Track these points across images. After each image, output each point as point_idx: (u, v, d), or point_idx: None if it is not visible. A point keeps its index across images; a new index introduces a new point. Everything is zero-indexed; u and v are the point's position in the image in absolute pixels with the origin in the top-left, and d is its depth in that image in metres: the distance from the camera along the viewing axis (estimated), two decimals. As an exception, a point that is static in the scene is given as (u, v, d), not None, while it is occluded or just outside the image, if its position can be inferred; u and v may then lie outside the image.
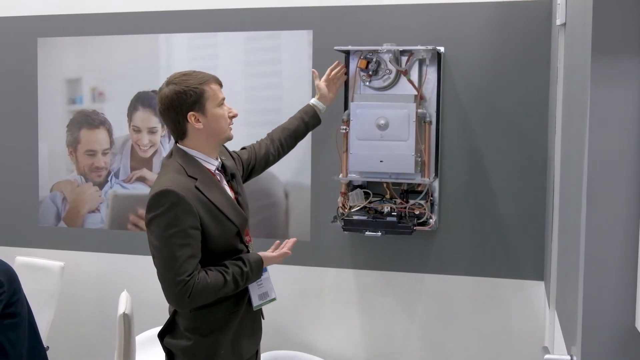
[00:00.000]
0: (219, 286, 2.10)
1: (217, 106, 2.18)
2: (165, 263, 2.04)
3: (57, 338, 3.36)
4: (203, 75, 2.18)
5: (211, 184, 2.17)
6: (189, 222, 2.05)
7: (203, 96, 2.14)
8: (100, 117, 3.35)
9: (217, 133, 2.20)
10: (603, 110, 1.31)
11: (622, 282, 1.32)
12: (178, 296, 2.04)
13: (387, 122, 2.75)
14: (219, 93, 2.20)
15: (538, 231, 2.85)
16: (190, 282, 2.03)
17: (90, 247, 3.40)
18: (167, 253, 2.03)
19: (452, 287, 2.98)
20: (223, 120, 2.20)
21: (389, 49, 2.78)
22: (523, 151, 2.85)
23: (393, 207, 2.86)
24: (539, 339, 2.85)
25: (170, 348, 2.23)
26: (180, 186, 2.06)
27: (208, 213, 2.11)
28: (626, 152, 1.30)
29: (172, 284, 2.03)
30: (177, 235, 2.03)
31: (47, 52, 3.40)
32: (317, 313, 3.15)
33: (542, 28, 2.78)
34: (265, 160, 2.63)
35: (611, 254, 1.32)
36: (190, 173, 2.13)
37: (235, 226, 2.19)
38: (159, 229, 2.04)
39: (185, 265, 2.03)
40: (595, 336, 1.35)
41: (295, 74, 3.08)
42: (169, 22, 3.22)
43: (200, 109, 2.14)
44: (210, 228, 2.12)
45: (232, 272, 2.14)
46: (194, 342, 2.17)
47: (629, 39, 1.28)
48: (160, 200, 2.04)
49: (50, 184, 3.45)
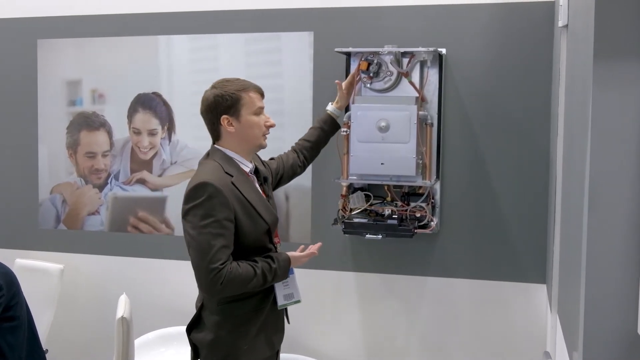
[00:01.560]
0: (249, 278, 2.18)
1: (252, 114, 2.27)
2: (200, 251, 2.13)
3: (56, 341, 3.35)
4: (244, 83, 2.29)
5: (246, 183, 2.27)
6: (224, 214, 2.15)
7: (239, 102, 2.25)
8: (100, 119, 3.34)
9: (249, 139, 2.30)
10: (605, 113, 1.30)
11: (624, 287, 1.31)
12: (211, 283, 2.12)
13: (388, 124, 2.74)
14: (256, 102, 2.29)
15: (540, 234, 2.83)
16: (223, 271, 2.12)
17: (90, 250, 3.39)
18: (202, 242, 2.12)
19: (453, 290, 2.96)
20: (257, 127, 2.29)
21: (390, 51, 2.77)
22: (525, 154, 2.83)
23: (394, 210, 2.84)
24: (541, 342, 2.83)
25: (196, 342, 2.32)
26: (217, 180, 2.17)
27: (242, 208, 2.21)
28: (628, 156, 1.28)
29: (206, 272, 2.11)
30: (212, 225, 2.13)
31: (47, 53, 3.40)
32: (317, 316, 3.13)
33: (544, 30, 2.76)
34: (292, 170, 2.71)
35: (613, 259, 1.31)
36: (227, 170, 2.24)
37: (267, 224, 2.29)
38: (196, 218, 2.14)
39: (219, 254, 2.12)
40: (596, 342, 1.33)
41: (296, 76, 3.07)
42: (169, 24, 3.21)
43: (234, 113, 2.26)
44: (243, 223, 2.21)
45: (262, 267, 2.23)
46: (218, 336, 2.25)
47: (631, 42, 1.27)
48: (198, 191, 2.15)
49: (50, 186, 3.44)
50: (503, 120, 2.84)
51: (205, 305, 2.29)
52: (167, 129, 3.25)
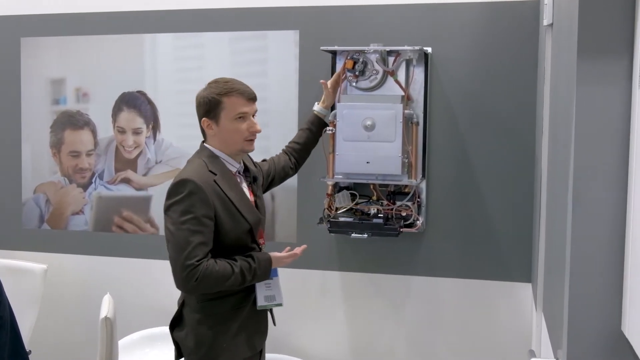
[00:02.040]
0: (226, 276, 2.18)
1: (232, 119, 2.26)
2: (177, 247, 2.14)
3: (40, 341, 3.32)
4: (230, 86, 2.27)
5: (230, 182, 2.28)
6: (204, 211, 2.16)
7: (219, 106, 2.25)
8: (84, 117, 3.31)
9: (229, 144, 2.30)
10: (589, 111, 1.30)
11: (608, 285, 1.31)
12: (186, 279, 2.13)
13: (374, 123, 2.73)
14: (238, 107, 2.26)
15: (526, 233, 2.84)
16: (199, 267, 2.12)
17: (74, 250, 3.36)
18: (180, 237, 2.14)
19: (439, 289, 2.96)
20: (236, 134, 2.27)
21: (376, 49, 2.76)
22: (511, 152, 2.84)
23: (380, 209, 2.84)
24: (526, 341, 2.83)
25: (178, 340, 2.35)
26: (199, 177, 2.19)
27: (223, 206, 2.22)
28: (612, 154, 1.28)
29: (181, 267, 2.13)
30: (191, 222, 2.14)
31: (30, 52, 3.36)
32: (303, 316, 3.12)
33: (529, 28, 2.77)
34: (284, 172, 2.71)
35: (597, 257, 1.31)
36: (211, 168, 2.25)
37: (248, 224, 2.28)
38: (175, 214, 2.16)
39: (196, 251, 2.13)
40: (581, 340, 1.33)
41: (281, 75, 3.06)
42: (154, 22, 3.19)
43: (214, 117, 2.26)
44: (224, 221, 2.22)
45: (240, 266, 2.23)
46: (198, 334, 2.26)
47: (614, 40, 1.27)
48: (179, 188, 2.17)
49: (33, 185, 3.40)
50: (489, 119, 2.85)
51: (187, 303, 2.31)
52: (152, 128, 3.23)
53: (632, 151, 1.25)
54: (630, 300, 1.24)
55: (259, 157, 2.68)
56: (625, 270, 1.28)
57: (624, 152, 1.28)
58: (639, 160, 1.19)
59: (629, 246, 1.26)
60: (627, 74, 1.26)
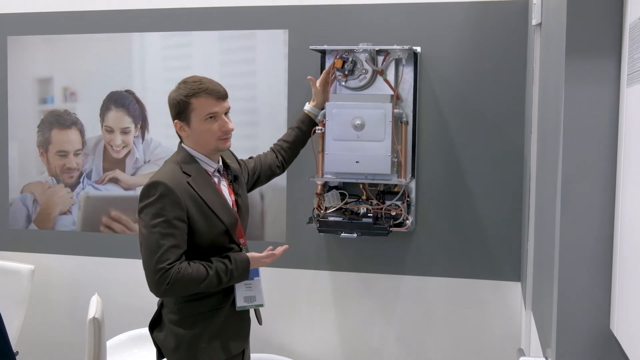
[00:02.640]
0: (200, 279, 2.15)
1: (202, 120, 2.22)
2: (149, 250, 2.12)
3: (27, 343, 3.29)
4: (198, 87, 2.21)
5: (205, 183, 2.24)
6: (175, 213, 2.13)
7: (188, 108, 2.21)
8: (72, 117, 3.29)
9: (202, 145, 2.26)
10: (577, 110, 1.30)
11: (597, 284, 1.31)
12: (157, 283, 2.11)
13: (363, 123, 2.73)
14: (207, 107, 2.21)
15: (515, 232, 2.85)
16: (171, 271, 2.10)
17: (62, 250, 3.34)
18: (151, 241, 2.12)
19: (428, 288, 2.97)
20: (207, 134, 2.23)
21: (365, 49, 2.76)
22: (500, 152, 2.84)
23: (369, 208, 2.84)
24: (516, 340, 2.84)
25: (157, 341, 2.32)
26: (171, 179, 2.16)
27: (197, 208, 2.18)
28: (601, 153, 1.29)
29: (153, 271, 2.11)
30: (161, 225, 2.12)
31: (17, 51, 3.33)
32: (292, 315, 3.12)
33: (518, 28, 2.78)
34: (271, 171, 2.67)
35: (586, 256, 1.31)
36: (185, 170, 2.22)
37: (224, 224, 2.25)
38: (147, 217, 2.14)
39: (167, 254, 2.10)
40: (570, 338, 1.33)
41: (270, 74, 3.05)
42: (142, 21, 3.17)
43: (185, 119, 2.23)
44: (198, 223, 2.19)
45: (216, 267, 2.19)
46: (177, 335, 2.24)
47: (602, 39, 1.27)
48: (151, 190, 2.14)
49: (20, 185, 3.38)
50: (478, 119, 2.85)
51: (165, 304, 2.29)
52: (140, 127, 3.21)
53: (620, 150, 1.25)
54: (618, 299, 1.24)
55: (248, 156, 2.67)
56: (613, 269, 1.28)
57: (612, 151, 1.28)
58: (627, 159, 1.20)
59: (618, 245, 1.26)
60: (615, 74, 1.27)
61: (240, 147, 2.67)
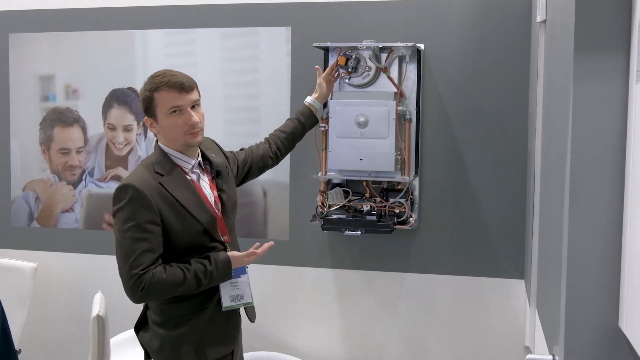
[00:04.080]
0: (177, 282, 2.10)
1: (167, 114, 2.14)
2: (122, 256, 2.08)
3: (30, 341, 3.29)
4: (159, 81, 2.14)
5: (179, 182, 2.17)
6: (147, 217, 2.08)
7: (152, 104, 2.16)
8: (74, 114, 3.28)
9: (172, 140, 2.19)
10: (586, 107, 1.29)
11: (605, 280, 1.31)
12: (132, 289, 2.06)
13: (367, 120, 2.73)
14: (170, 101, 2.13)
15: (518, 229, 2.84)
16: (145, 276, 2.05)
17: (64, 248, 3.33)
18: (124, 246, 2.08)
19: (432, 286, 2.97)
20: (174, 129, 2.15)
21: (369, 46, 2.76)
22: (503, 149, 2.84)
23: (373, 206, 2.83)
24: (520, 337, 2.84)
25: (142, 343, 2.28)
26: (141, 181, 2.10)
27: (170, 209, 2.13)
28: (609, 149, 1.28)
29: (127, 277, 2.07)
30: (133, 230, 2.07)
31: (19, 48, 3.33)
32: (296, 313, 3.12)
33: (522, 25, 2.77)
34: (263, 162, 2.61)
35: (594, 252, 1.31)
36: (158, 170, 2.16)
37: (201, 224, 2.18)
38: (119, 222, 2.10)
39: (140, 259, 2.06)
40: (578, 336, 1.33)
41: (273, 71, 3.04)
42: (144, 18, 3.16)
43: (152, 115, 2.18)
44: (172, 224, 2.13)
45: (194, 270, 2.14)
46: (160, 336, 2.21)
47: (611, 35, 1.27)
48: (121, 194, 2.10)
49: (22, 183, 3.37)
50: (481, 116, 2.85)
51: (149, 306, 2.26)
52: (143, 125, 3.21)
53: (629, 147, 1.25)
54: (627, 296, 1.24)
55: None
56: (622, 266, 1.28)
57: (621, 148, 1.27)
58: (636, 156, 1.19)
59: (627, 241, 1.26)
60: (624, 70, 1.26)
61: (243, 144, 2.66)
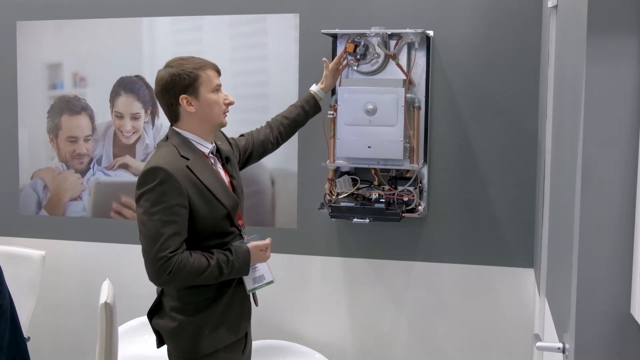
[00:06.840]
0: (202, 269, 2.11)
1: (210, 92, 2.20)
2: (149, 238, 2.07)
3: (38, 328, 3.31)
4: (200, 61, 2.22)
5: (203, 166, 2.19)
6: (176, 200, 2.07)
7: (197, 80, 2.18)
8: (81, 102, 3.28)
9: (210, 118, 2.22)
10: (599, 91, 1.27)
11: (617, 268, 1.29)
12: (158, 272, 2.06)
13: (375, 107, 2.70)
14: (214, 79, 2.22)
15: (528, 218, 2.82)
16: (173, 259, 2.05)
17: (72, 236, 3.34)
18: (152, 228, 2.06)
19: (441, 274, 2.95)
20: (216, 106, 2.22)
21: (377, 33, 2.73)
22: (513, 136, 2.81)
23: (381, 194, 2.81)
24: (529, 326, 2.82)
25: (157, 328, 2.27)
26: (170, 164, 2.10)
27: (197, 193, 2.13)
28: (623, 134, 1.26)
29: (153, 260, 2.06)
30: (163, 212, 2.06)
31: (26, 36, 3.32)
32: (304, 302, 3.11)
33: (532, 10, 2.74)
34: (263, 148, 2.63)
35: (606, 238, 1.29)
36: (183, 153, 2.16)
37: (225, 208, 2.20)
38: (147, 204, 2.07)
39: (169, 242, 2.05)
40: (589, 323, 1.31)
41: (281, 58, 3.02)
42: (152, 5, 3.14)
43: (193, 92, 2.18)
44: (199, 208, 2.13)
45: (217, 258, 2.15)
46: (179, 322, 2.20)
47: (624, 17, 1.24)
48: (150, 176, 2.08)
49: (30, 171, 3.37)
50: (491, 103, 2.82)
51: (166, 292, 2.24)
52: (150, 113, 3.20)
53: (643, 131, 1.23)
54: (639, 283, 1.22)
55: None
56: (634, 253, 1.26)
57: (634, 132, 1.25)
58: (651, 140, 1.17)
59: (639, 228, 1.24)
60: (637, 52, 1.24)
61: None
